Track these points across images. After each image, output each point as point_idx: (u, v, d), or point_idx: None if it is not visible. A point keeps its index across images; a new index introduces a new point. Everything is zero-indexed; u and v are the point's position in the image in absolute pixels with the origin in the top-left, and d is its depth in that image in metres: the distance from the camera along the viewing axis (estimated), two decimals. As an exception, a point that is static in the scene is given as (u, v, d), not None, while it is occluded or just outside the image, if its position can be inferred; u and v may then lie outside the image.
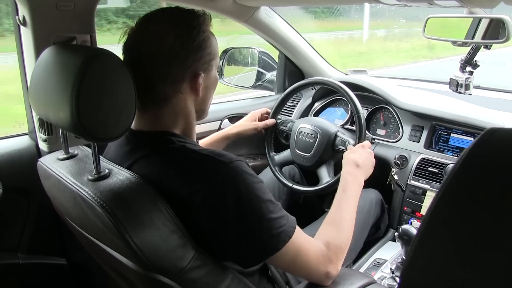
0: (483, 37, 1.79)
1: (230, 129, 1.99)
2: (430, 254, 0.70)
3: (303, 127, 2.00)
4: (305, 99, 2.58)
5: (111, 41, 1.40)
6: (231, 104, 2.63)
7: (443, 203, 0.68)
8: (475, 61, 1.93)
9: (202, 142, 1.89)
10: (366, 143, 1.74)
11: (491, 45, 1.81)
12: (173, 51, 1.14)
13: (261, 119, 2.06)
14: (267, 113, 2.09)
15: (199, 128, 2.20)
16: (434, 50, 12.76)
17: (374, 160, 1.70)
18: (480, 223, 0.65)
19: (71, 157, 1.27)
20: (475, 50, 1.90)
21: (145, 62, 1.13)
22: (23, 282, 1.80)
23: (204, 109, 1.30)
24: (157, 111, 1.20)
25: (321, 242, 1.25)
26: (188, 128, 1.26)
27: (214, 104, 2.52)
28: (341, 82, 1.94)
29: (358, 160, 1.61)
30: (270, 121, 2.06)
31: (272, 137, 2.10)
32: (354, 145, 1.80)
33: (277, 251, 1.12)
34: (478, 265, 0.65)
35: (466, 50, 1.91)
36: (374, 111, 2.34)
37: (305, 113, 2.54)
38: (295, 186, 1.95)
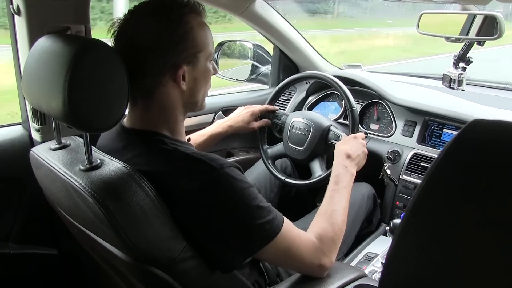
0: (477, 34, 1.80)
1: (227, 127, 1.97)
2: (412, 243, 0.71)
3: (297, 120, 2.00)
4: (299, 93, 2.58)
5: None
6: (225, 97, 2.63)
7: (426, 193, 0.69)
8: (468, 57, 1.94)
9: (195, 138, 1.87)
10: (359, 134, 1.74)
11: (484, 41, 1.82)
12: (150, 44, 1.14)
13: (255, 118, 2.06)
14: (266, 110, 2.10)
15: (192, 121, 2.21)
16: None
17: (366, 151, 1.70)
18: (462, 212, 0.65)
19: (64, 147, 1.26)
20: (468, 47, 1.91)
21: (125, 55, 1.10)
22: (14, 272, 1.80)
23: (195, 102, 1.28)
24: (144, 104, 1.20)
25: (313, 234, 1.26)
26: (176, 125, 1.25)
27: (208, 97, 2.52)
28: (335, 76, 1.95)
29: (349, 151, 1.61)
30: (266, 121, 2.07)
31: (266, 130, 2.10)
32: None
33: (254, 254, 1.16)
34: (459, 255, 0.65)
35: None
36: (368, 106, 2.34)
37: (299, 107, 2.54)
38: (288, 180, 1.95)
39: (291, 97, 2.59)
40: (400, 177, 2.08)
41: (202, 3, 1.24)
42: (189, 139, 1.40)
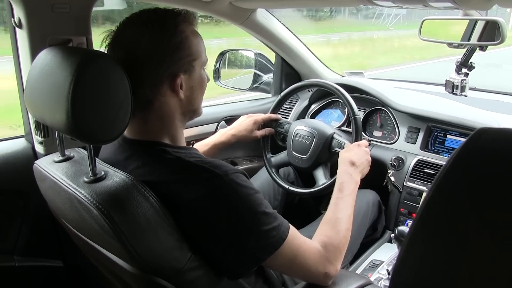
0: (479, 39, 1.80)
1: (230, 136, 1.96)
2: (421, 252, 0.70)
3: (300, 129, 2.00)
4: (302, 101, 2.58)
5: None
6: (228, 106, 2.63)
7: (433, 202, 0.69)
8: (471, 63, 1.93)
9: (198, 148, 1.86)
10: (362, 142, 1.75)
11: (486, 46, 1.82)
12: (147, 54, 1.14)
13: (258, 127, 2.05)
14: (269, 119, 2.09)
15: (195, 131, 2.20)
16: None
17: (370, 158, 1.70)
18: (470, 221, 0.65)
19: (67, 159, 1.26)
20: (470, 52, 1.91)
21: (123, 66, 1.09)
22: (19, 285, 1.79)
23: (193, 110, 1.28)
24: (142, 115, 1.19)
25: (318, 242, 1.26)
26: (177, 133, 1.25)
27: (210, 107, 2.53)
28: (338, 84, 1.94)
29: (353, 158, 1.61)
30: (269, 130, 2.07)
31: (269, 139, 2.10)
32: None
33: (262, 261, 1.14)
34: (468, 263, 0.65)
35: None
36: (371, 113, 2.34)
37: (301, 115, 2.54)
38: (292, 188, 1.95)
39: (294, 106, 2.60)
40: (404, 184, 2.08)
41: (204, 14, 1.24)
42: (193, 144, 1.40)
